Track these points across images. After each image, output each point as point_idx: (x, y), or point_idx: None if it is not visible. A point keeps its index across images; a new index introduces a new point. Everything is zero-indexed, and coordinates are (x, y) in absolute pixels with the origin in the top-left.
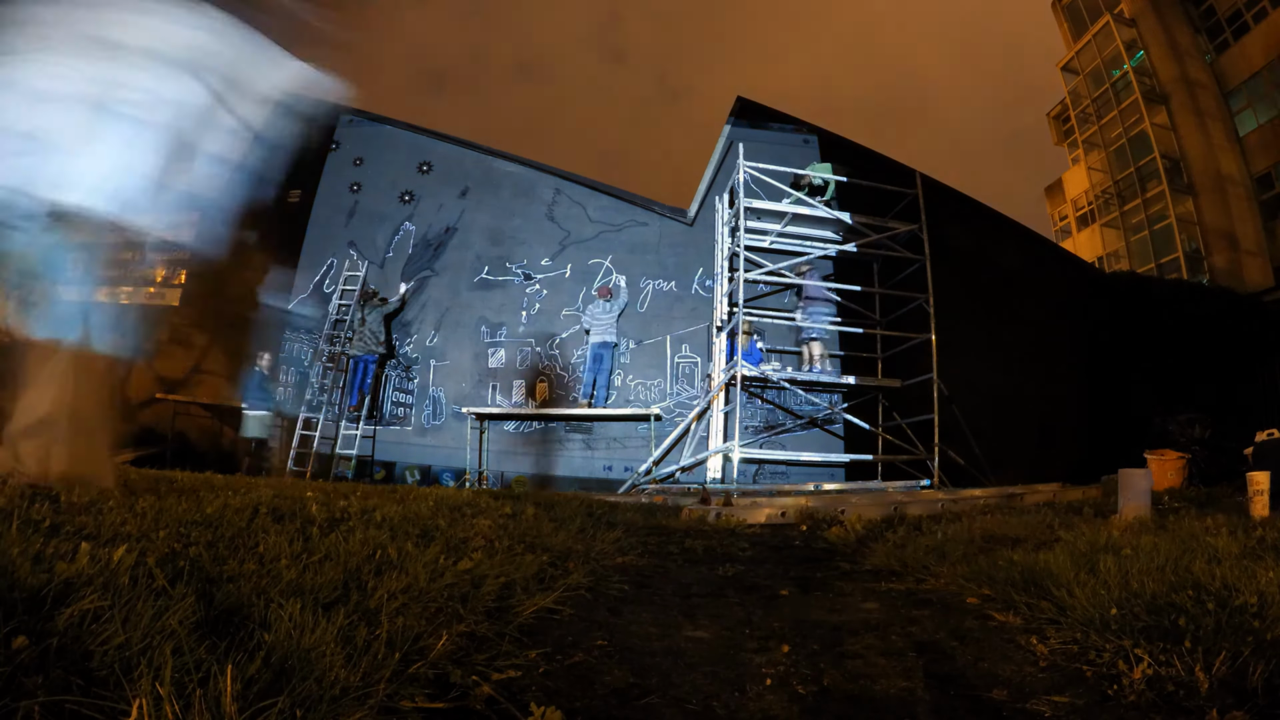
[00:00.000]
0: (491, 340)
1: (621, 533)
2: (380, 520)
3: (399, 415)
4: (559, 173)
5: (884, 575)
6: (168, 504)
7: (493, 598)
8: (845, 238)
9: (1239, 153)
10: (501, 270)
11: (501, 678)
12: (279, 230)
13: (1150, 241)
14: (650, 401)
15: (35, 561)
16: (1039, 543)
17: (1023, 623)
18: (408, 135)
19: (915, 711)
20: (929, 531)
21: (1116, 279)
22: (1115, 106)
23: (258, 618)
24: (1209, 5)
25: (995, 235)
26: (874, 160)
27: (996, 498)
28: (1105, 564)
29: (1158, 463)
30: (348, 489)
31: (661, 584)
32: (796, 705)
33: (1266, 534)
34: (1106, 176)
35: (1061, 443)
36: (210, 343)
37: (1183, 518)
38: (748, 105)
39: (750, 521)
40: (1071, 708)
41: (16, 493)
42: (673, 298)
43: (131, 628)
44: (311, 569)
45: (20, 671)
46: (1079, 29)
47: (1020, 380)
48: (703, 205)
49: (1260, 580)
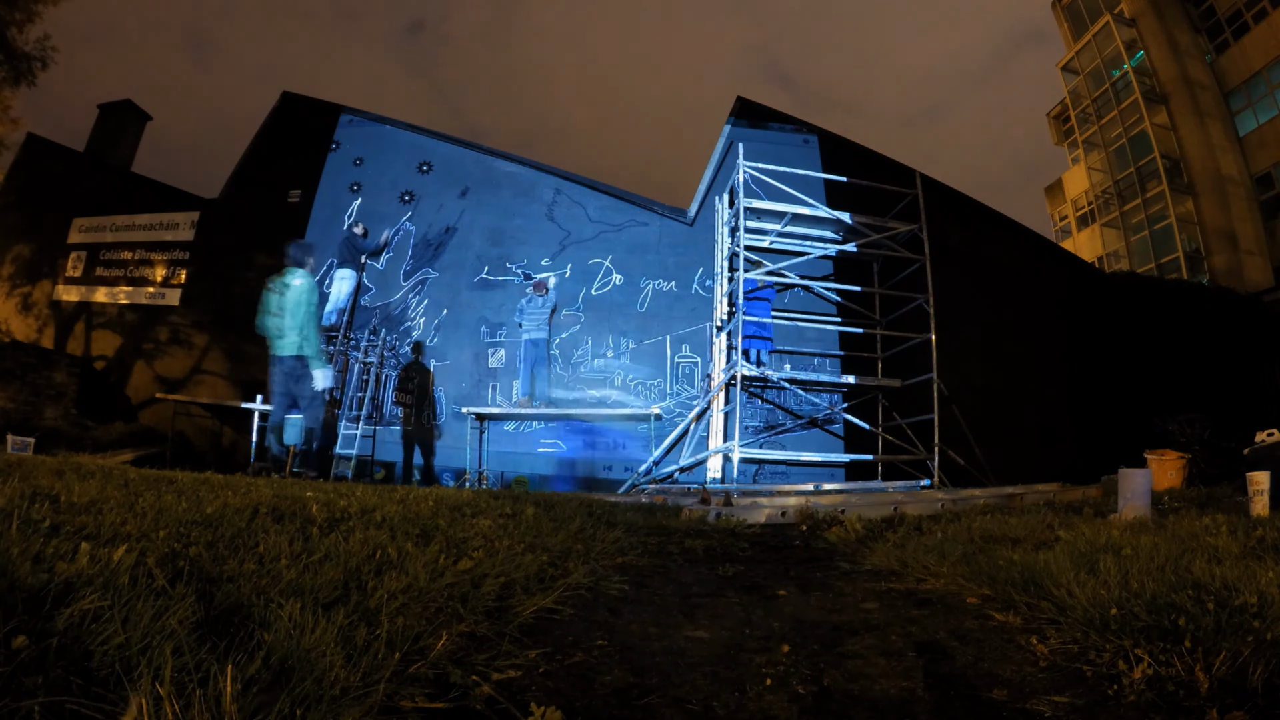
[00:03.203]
0: (491, 340)
1: (621, 533)
2: (380, 520)
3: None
4: (559, 173)
5: (884, 575)
6: (167, 504)
7: (493, 597)
8: (845, 238)
9: (1239, 153)
10: (501, 270)
11: (501, 678)
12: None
13: (1150, 241)
14: (650, 401)
15: (35, 561)
16: (1039, 543)
17: (1023, 623)
18: (408, 135)
19: (915, 712)
20: (929, 531)
21: (1116, 279)
22: (1115, 106)
23: (258, 618)
24: (1209, 5)
25: (995, 235)
26: (874, 160)
27: (996, 498)
28: (1105, 564)
29: (1158, 463)
30: (347, 489)
31: (661, 584)
32: (796, 705)
33: (1266, 534)
34: (1106, 176)
35: (1061, 443)
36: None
37: (1183, 518)
38: (748, 105)
39: (750, 521)
40: (1071, 708)
41: (16, 493)
42: (673, 298)
43: (131, 628)
44: (311, 569)
45: (20, 671)
46: (1079, 29)
47: (1020, 380)
48: (703, 205)
49: (1260, 580)
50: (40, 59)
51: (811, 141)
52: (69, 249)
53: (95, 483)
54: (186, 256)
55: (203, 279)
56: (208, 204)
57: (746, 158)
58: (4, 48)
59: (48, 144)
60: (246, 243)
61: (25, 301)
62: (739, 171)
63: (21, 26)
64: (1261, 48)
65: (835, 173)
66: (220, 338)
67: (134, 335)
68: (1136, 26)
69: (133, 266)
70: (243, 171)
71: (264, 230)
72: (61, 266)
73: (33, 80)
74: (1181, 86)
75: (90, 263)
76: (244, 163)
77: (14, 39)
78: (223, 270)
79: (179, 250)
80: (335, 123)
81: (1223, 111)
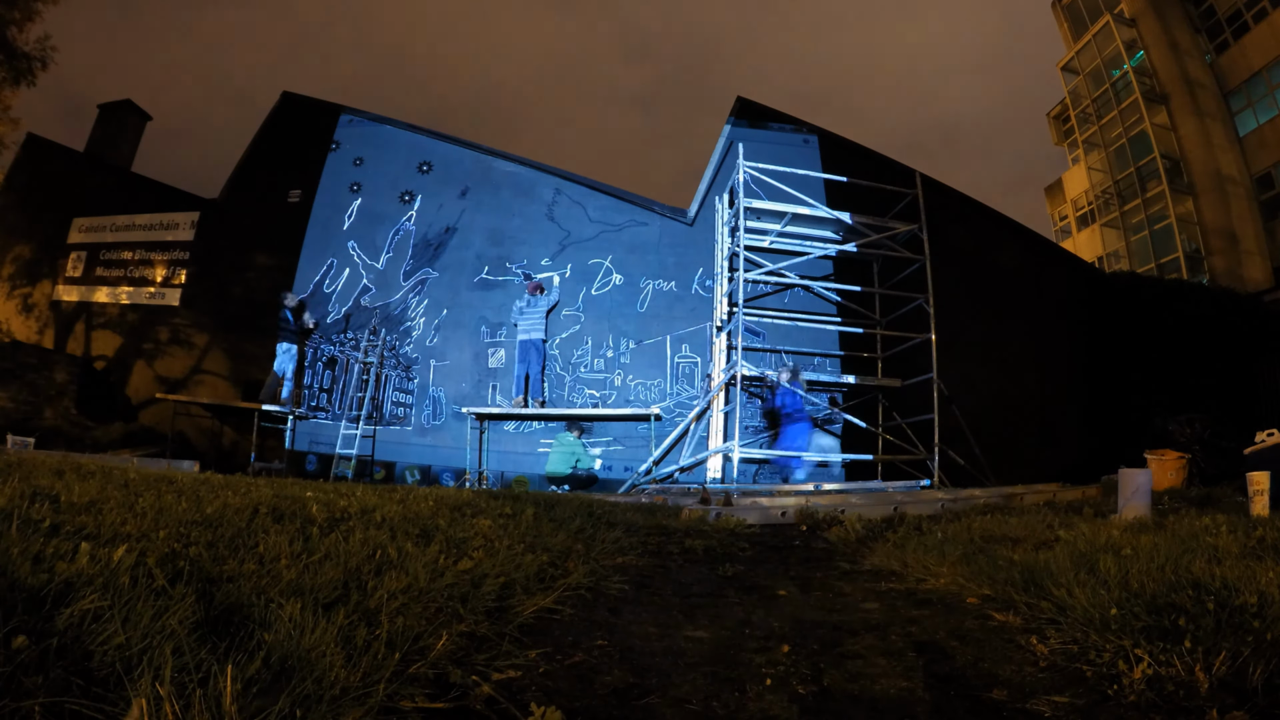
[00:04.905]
0: (491, 340)
1: (621, 533)
2: (380, 520)
3: (399, 415)
4: (559, 173)
5: (884, 575)
6: (167, 504)
7: (493, 598)
8: (845, 238)
9: (1239, 153)
10: (501, 270)
11: (501, 678)
12: (279, 230)
13: (1150, 241)
14: (650, 401)
15: (35, 561)
16: (1039, 542)
17: (1023, 623)
18: (408, 135)
19: (915, 712)
20: (929, 531)
21: (1116, 279)
22: (1115, 106)
23: (258, 618)
24: (1209, 5)
25: (995, 235)
26: (874, 160)
27: (996, 497)
28: (1105, 564)
29: (1158, 463)
30: (347, 489)
31: (661, 584)
32: (796, 705)
33: (1266, 534)
34: (1106, 176)
35: (1061, 443)
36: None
37: (1183, 517)
38: (748, 105)
39: (750, 521)
40: (1071, 708)
41: (16, 493)
42: (673, 298)
43: (131, 628)
44: (311, 569)
45: (20, 671)
46: (1079, 29)
47: (1020, 380)
48: (703, 205)
49: (1260, 580)
50: (40, 59)
51: (811, 141)
52: (69, 249)
53: (95, 483)
54: (186, 257)
55: (203, 279)
56: (208, 204)
57: (746, 158)
58: (4, 48)
59: (48, 144)
60: (246, 243)
61: (25, 301)
62: (739, 171)
63: (21, 26)
64: (1261, 48)
65: (835, 173)
66: (220, 338)
67: (134, 335)
68: (1136, 26)
69: (133, 267)
70: (243, 171)
71: (264, 230)
72: (61, 266)
73: (33, 80)
74: (1181, 86)
75: (90, 263)
76: (244, 163)
77: (14, 39)
78: (223, 270)
79: (179, 250)
80: (335, 123)
81: (1223, 111)
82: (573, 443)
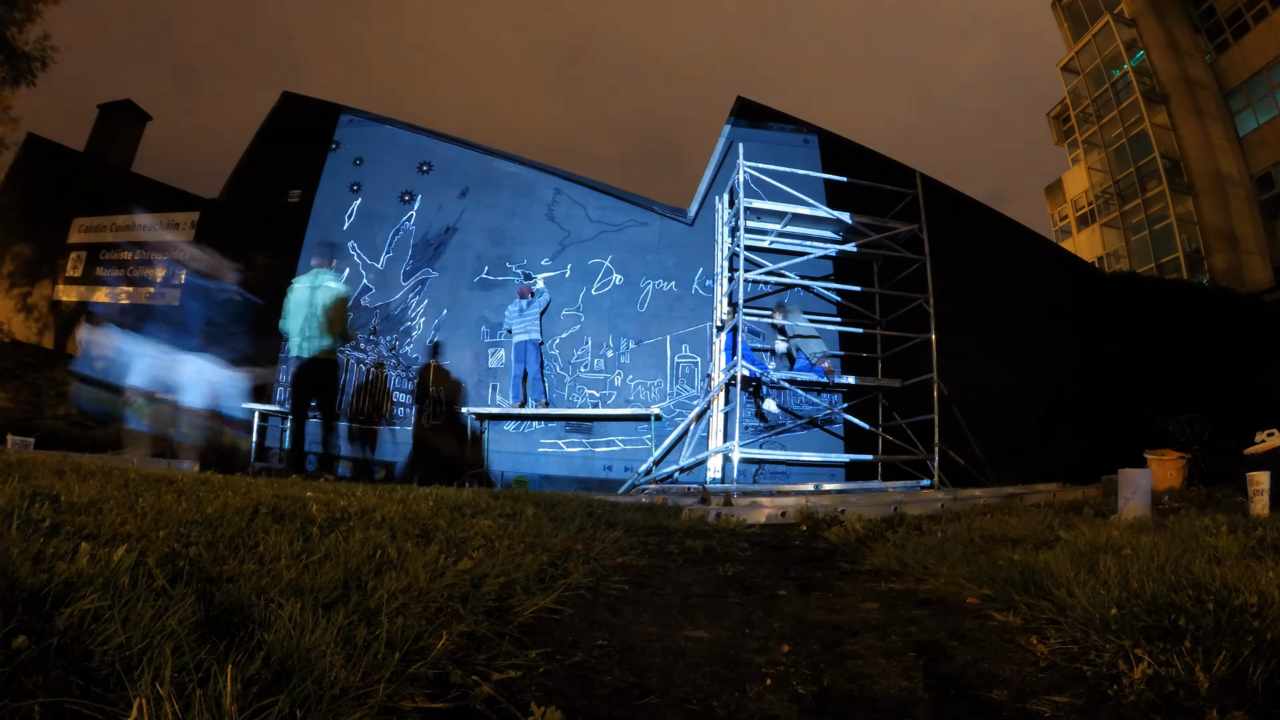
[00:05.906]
0: (491, 340)
1: (621, 533)
2: (380, 520)
3: (399, 415)
4: (559, 173)
5: (884, 575)
6: (167, 504)
7: (493, 597)
8: (845, 238)
9: (1239, 153)
10: (501, 270)
11: (501, 678)
12: (279, 230)
13: (1150, 241)
14: (650, 401)
15: (35, 561)
16: (1039, 542)
17: (1022, 623)
18: (408, 135)
19: (915, 712)
20: (929, 531)
21: (1116, 279)
22: (1115, 106)
23: (258, 618)
24: (1209, 5)
25: (995, 235)
26: (874, 160)
27: (996, 497)
28: (1105, 564)
29: (1158, 463)
30: (347, 489)
31: (661, 584)
32: (796, 705)
33: (1266, 534)
34: (1106, 176)
35: (1061, 443)
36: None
37: (1183, 518)
38: (748, 105)
39: (750, 521)
40: (1071, 708)
41: (16, 493)
42: (673, 298)
43: (131, 628)
44: (311, 569)
45: (20, 671)
46: (1079, 29)
47: (1020, 380)
48: (703, 205)
49: (1260, 580)
50: (40, 59)
51: (811, 141)
52: (69, 249)
53: (95, 483)
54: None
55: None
56: (208, 204)
57: (746, 158)
58: (4, 48)
59: (48, 144)
60: (246, 243)
61: (25, 301)
62: (739, 171)
63: (21, 26)
64: (1261, 48)
65: (835, 173)
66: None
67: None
68: (1136, 26)
69: (133, 267)
70: (243, 171)
71: (264, 230)
72: (61, 266)
73: (33, 80)
74: (1181, 86)
75: (90, 263)
76: (244, 163)
77: (14, 39)
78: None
79: (179, 250)
80: (335, 123)
81: (1223, 111)
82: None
